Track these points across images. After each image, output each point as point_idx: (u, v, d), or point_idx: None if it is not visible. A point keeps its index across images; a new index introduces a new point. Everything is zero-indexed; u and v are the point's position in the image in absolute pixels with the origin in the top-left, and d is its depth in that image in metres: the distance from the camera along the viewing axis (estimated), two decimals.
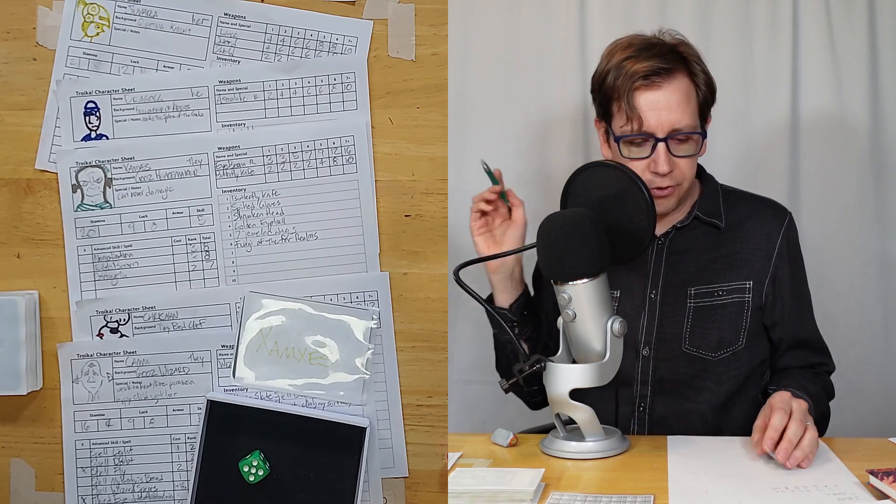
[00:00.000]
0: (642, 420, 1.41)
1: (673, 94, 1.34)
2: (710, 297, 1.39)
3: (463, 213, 1.42)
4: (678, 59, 1.36)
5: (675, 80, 1.35)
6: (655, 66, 1.34)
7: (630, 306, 1.41)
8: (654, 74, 1.33)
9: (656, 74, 1.34)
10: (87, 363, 1.20)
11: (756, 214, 1.44)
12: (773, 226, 1.42)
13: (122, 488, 1.20)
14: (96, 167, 1.21)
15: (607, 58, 1.39)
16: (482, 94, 1.87)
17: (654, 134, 1.33)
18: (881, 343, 1.81)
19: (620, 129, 1.36)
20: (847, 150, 1.81)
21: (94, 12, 1.21)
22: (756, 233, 1.42)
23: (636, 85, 1.34)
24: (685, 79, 1.36)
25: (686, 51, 1.38)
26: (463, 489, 1.09)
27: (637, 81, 1.34)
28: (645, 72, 1.34)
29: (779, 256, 1.41)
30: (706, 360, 1.38)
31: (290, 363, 1.19)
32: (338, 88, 1.20)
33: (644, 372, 1.40)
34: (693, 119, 1.35)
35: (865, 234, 1.81)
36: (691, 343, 1.39)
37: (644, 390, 1.40)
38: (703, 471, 1.16)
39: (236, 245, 1.21)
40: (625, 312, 1.39)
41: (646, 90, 1.34)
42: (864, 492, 1.07)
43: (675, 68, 1.35)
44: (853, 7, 1.79)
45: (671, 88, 1.34)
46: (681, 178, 1.37)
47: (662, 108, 1.34)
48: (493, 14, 1.87)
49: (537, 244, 1.24)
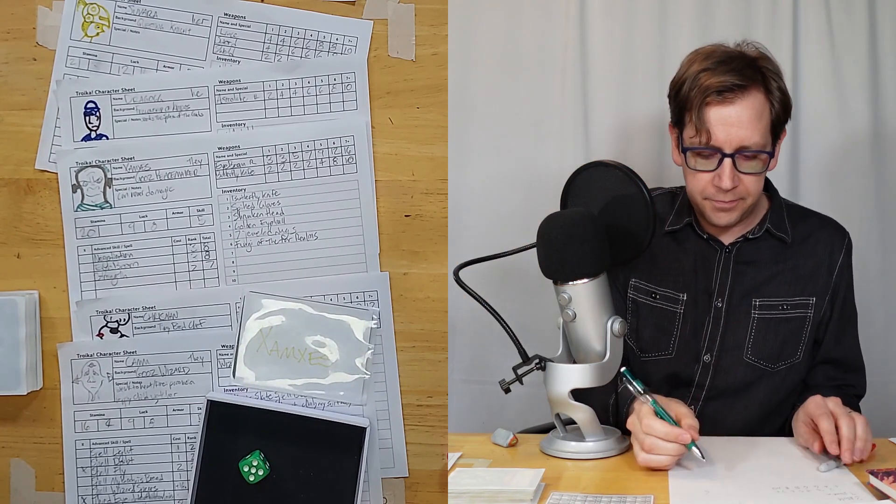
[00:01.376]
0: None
1: (745, 110, 1.32)
2: (775, 309, 1.40)
3: (463, 214, 1.42)
4: (755, 75, 1.34)
5: (748, 97, 1.32)
6: (730, 82, 1.31)
7: (696, 312, 1.41)
8: (728, 91, 1.31)
9: (730, 91, 1.31)
10: (87, 363, 1.20)
11: (819, 231, 1.44)
12: (836, 244, 1.43)
13: (122, 488, 1.20)
14: (96, 167, 1.21)
15: (686, 66, 1.37)
16: (482, 94, 1.87)
17: (721, 149, 1.32)
18: (881, 343, 1.81)
19: (690, 139, 1.35)
20: (847, 150, 1.81)
21: (94, 12, 1.21)
22: (820, 250, 1.42)
23: (708, 99, 1.32)
24: (760, 95, 1.33)
25: (765, 65, 1.35)
26: (463, 489, 1.09)
27: (710, 96, 1.32)
28: (718, 87, 1.31)
29: (839, 275, 1.42)
30: (764, 370, 1.39)
31: (290, 363, 1.19)
32: (338, 88, 1.20)
33: (702, 376, 1.40)
34: (763, 137, 1.34)
35: (866, 233, 1.81)
36: (753, 353, 1.39)
37: (699, 394, 1.41)
38: (703, 471, 1.16)
39: (236, 245, 1.21)
40: (691, 317, 1.40)
41: (718, 105, 1.32)
42: (864, 492, 1.07)
43: (750, 85, 1.33)
44: (853, 7, 1.78)
45: (744, 105, 1.32)
46: (745, 193, 1.35)
47: (733, 125, 1.31)
48: (493, 14, 1.87)
49: (537, 244, 1.24)
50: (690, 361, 1.41)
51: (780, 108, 1.36)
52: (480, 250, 1.38)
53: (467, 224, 1.85)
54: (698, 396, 1.41)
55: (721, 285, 1.41)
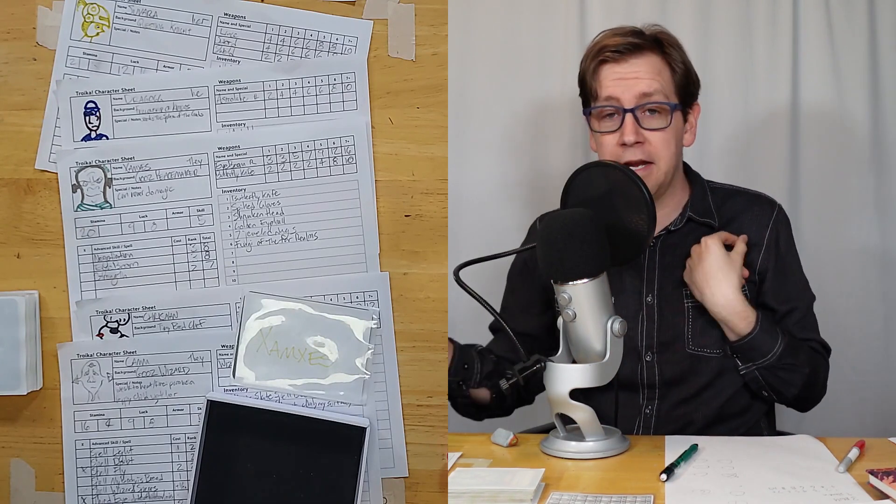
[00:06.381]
0: (648, 423, 1.40)
1: (641, 66, 1.33)
2: None
3: (463, 213, 1.42)
4: (652, 41, 1.35)
5: (644, 56, 1.34)
6: (624, 42, 1.34)
7: (626, 311, 1.39)
8: (623, 49, 1.33)
9: (625, 49, 1.33)
10: (87, 363, 1.21)
11: (746, 209, 1.43)
12: (764, 218, 1.41)
13: (122, 488, 1.20)
14: (96, 167, 1.21)
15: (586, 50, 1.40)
16: (482, 94, 1.87)
17: (621, 104, 1.32)
18: (881, 343, 1.81)
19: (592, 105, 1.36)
20: (847, 149, 1.81)
21: (94, 12, 1.21)
22: (746, 228, 1.41)
23: (603, 57, 1.34)
24: (656, 57, 1.35)
25: (664, 37, 1.37)
26: (463, 489, 1.09)
27: (605, 54, 1.34)
28: (614, 46, 1.33)
29: (766, 249, 1.40)
30: (711, 358, 1.38)
31: (290, 363, 1.19)
32: (338, 88, 1.20)
33: (650, 376, 1.39)
34: (665, 91, 1.33)
35: (865, 233, 1.81)
36: (695, 343, 1.38)
37: (651, 394, 1.40)
38: (702, 471, 1.16)
39: (236, 245, 1.21)
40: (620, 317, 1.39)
41: (613, 63, 1.34)
42: (863, 492, 1.07)
43: (646, 46, 1.34)
44: (853, 7, 1.79)
45: (640, 63, 1.33)
46: (654, 154, 1.34)
47: (629, 78, 1.33)
48: (493, 14, 1.87)
49: (537, 244, 1.24)
50: (631, 363, 1.38)
51: (683, 74, 1.37)
52: (480, 250, 1.38)
53: (467, 224, 1.85)
54: (652, 396, 1.40)
55: (649, 281, 1.40)
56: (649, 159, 1.34)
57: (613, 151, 1.34)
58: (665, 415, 1.40)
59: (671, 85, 1.35)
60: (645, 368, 1.39)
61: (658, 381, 1.39)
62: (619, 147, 1.33)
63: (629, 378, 1.39)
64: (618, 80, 1.33)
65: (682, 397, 1.39)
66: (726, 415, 1.39)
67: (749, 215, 1.42)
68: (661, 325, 1.39)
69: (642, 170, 1.34)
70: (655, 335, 1.39)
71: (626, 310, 1.40)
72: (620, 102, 1.32)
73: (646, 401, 1.40)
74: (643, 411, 1.40)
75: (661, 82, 1.33)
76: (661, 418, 1.40)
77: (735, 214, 1.42)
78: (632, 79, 1.32)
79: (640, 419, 1.41)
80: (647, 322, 1.39)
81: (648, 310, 1.39)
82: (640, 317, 1.40)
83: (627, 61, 1.33)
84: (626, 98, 1.32)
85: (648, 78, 1.32)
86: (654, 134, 1.33)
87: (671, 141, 1.36)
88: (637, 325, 1.39)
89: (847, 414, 1.59)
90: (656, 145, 1.33)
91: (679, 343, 1.38)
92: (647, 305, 1.39)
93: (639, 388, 1.40)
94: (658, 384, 1.39)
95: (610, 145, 1.34)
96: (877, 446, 1.23)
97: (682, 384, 1.39)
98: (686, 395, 1.39)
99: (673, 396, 1.40)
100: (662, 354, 1.39)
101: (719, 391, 1.39)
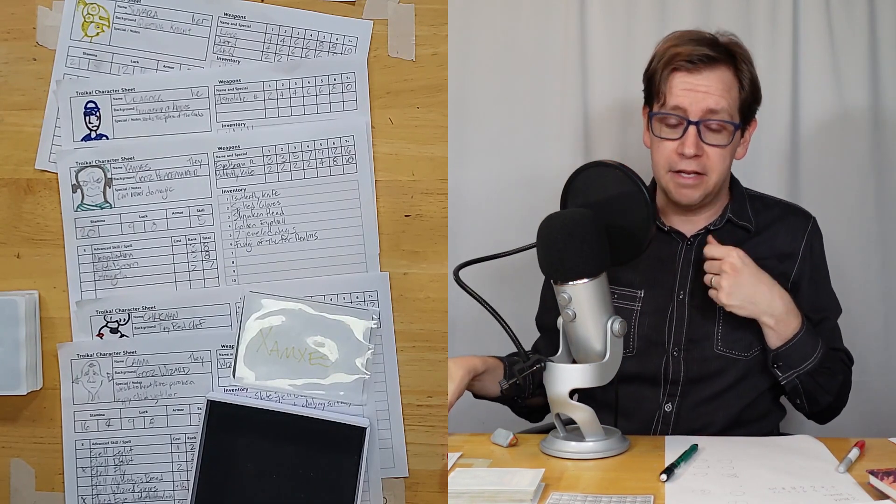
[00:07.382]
0: (668, 419, 1.40)
1: (713, 81, 1.33)
2: None
3: (463, 213, 1.42)
4: (726, 54, 1.36)
5: (717, 70, 1.34)
6: (699, 52, 1.34)
7: (655, 305, 1.40)
8: (697, 60, 1.33)
9: (699, 60, 1.33)
10: (87, 363, 1.21)
11: (781, 219, 1.44)
12: (800, 230, 1.43)
13: (122, 488, 1.20)
14: (96, 167, 1.21)
15: (660, 45, 1.40)
16: (482, 94, 1.87)
17: (686, 115, 1.33)
18: (881, 343, 1.81)
19: (657, 109, 1.36)
20: (847, 149, 1.81)
21: (94, 12, 1.21)
22: (781, 237, 1.42)
23: (676, 66, 1.34)
24: (728, 72, 1.35)
25: (737, 50, 1.37)
26: (463, 489, 1.09)
27: (678, 63, 1.34)
28: (688, 56, 1.33)
29: (802, 260, 1.42)
30: (738, 360, 1.39)
31: (290, 363, 1.19)
32: (338, 88, 1.20)
33: (675, 372, 1.40)
34: (731, 109, 1.34)
35: (866, 233, 1.81)
36: (724, 344, 1.39)
37: (674, 390, 1.40)
38: (703, 471, 1.16)
39: (236, 245, 1.21)
40: (649, 311, 1.39)
41: (685, 73, 1.33)
42: (863, 492, 1.07)
43: (719, 59, 1.35)
44: (853, 7, 1.79)
45: (712, 76, 1.33)
46: (709, 167, 1.35)
47: (699, 91, 1.33)
48: (493, 14, 1.87)
49: (537, 244, 1.24)
50: (655, 358, 1.40)
51: (749, 91, 1.37)
52: (480, 250, 1.38)
53: (467, 224, 1.85)
54: (674, 393, 1.40)
55: (683, 278, 1.41)
56: (703, 171, 1.36)
57: (670, 157, 1.36)
58: (686, 413, 1.39)
59: (737, 103, 1.36)
60: (671, 363, 1.39)
61: (683, 377, 1.39)
62: (676, 155, 1.35)
63: (653, 372, 1.39)
64: (688, 90, 1.33)
65: (705, 396, 1.40)
66: (745, 419, 1.40)
67: (784, 225, 1.43)
68: (690, 322, 1.39)
69: (694, 179, 1.36)
70: (685, 332, 1.39)
71: (654, 304, 1.40)
72: (686, 114, 1.33)
73: (667, 397, 1.40)
74: (663, 407, 1.40)
75: (728, 101, 1.34)
76: (681, 416, 1.39)
77: (771, 222, 1.44)
78: (702, 92, 1.33)
79: (659, 413, 1.41)
80: (676, 318, 1.40)
81: (679, 306, 1.40)
82: (669, 312, 1.40)
83: (700, 73, 1.33)
84: (693, 111, 1.33)
85: (717, 94, 1.33)
86: (712, 149, 1.35)
87: (727, 157, 1.38)
88: (666, 321, 1.40)
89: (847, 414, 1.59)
90: (713, 159, 1.35)
91: (708, 342, 1.39)
92: (679, 301, 1.40)
93: (661, 382, 1.40)
94: (682, 381, 1.40)
95: (667, 150, 1.35)
96: (877, 446, 1.23)
97: (706, 383, 1.39)
98: (709, 394, 1.40)
99: (695, 395, 1.40)
100: (690, 352, 1.39)
101: (741, 394, 1.39)
